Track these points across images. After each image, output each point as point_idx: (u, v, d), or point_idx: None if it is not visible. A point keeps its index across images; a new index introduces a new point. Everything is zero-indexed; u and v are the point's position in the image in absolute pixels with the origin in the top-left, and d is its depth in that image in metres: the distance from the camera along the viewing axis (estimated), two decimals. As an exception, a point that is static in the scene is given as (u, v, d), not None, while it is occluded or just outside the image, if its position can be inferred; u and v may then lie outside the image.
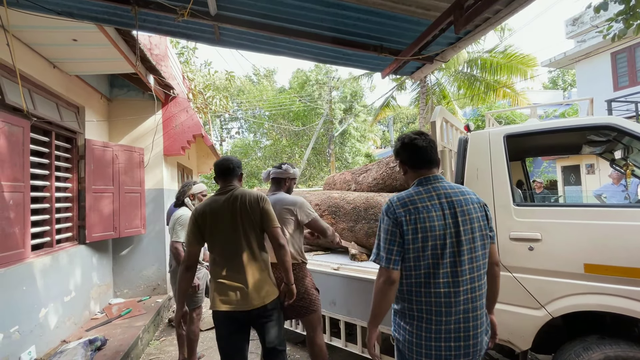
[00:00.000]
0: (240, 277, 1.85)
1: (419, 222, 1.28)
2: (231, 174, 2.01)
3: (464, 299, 1.29)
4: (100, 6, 2.29)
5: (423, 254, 1.29)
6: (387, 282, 1.32)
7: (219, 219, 1.88)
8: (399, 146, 1.47)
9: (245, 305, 1.82)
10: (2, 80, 2.67)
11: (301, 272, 2.27)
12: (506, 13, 1.94)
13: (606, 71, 10.08)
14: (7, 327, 2.48)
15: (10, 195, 2.64)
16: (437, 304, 1.28)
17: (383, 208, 1.38)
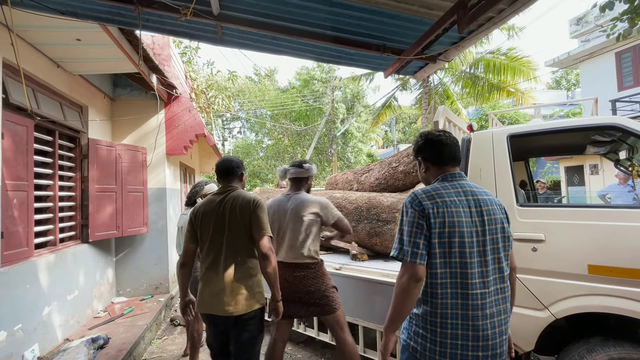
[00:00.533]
0: (218, 282, 1.82)
1: (447, 216, 1.20)
2: (231, 174, 2.00)
3: (490, 302, 1.20)
4: (104, 6, 2.30)
5: (450, 250, 1.19)
6: (413, 279, 1.18)
7: (209, 220, 1.89)
8: (422, 142, 1.40)
9: (219, 311, 1.80)
10: (7, 79, 2.68)
11: (320, 271, 2.26)
12: (510, 12, 1.93)
13: (610, 71, 10.01)
14: (10, 325, 2.50)
15: (14, 194, 2.66)
16: (467, 307, 1.18)
17: (406, 200, 1.27)
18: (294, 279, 2.19)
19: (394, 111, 14.32)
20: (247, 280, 1.85)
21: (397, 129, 27.10)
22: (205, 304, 1.85)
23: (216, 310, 1.81)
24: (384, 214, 3.05)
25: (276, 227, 2.26)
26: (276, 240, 2.26)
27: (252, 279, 1.87)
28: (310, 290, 2.18)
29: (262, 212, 1.88)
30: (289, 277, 2.19)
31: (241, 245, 1.86)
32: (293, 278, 2.19)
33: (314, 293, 2.18)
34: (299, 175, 2.34)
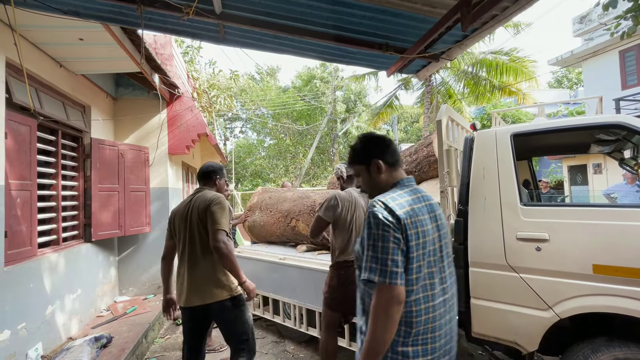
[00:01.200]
0: (185, 276, 2.01)
1: (419, 226, 1.11)
2: (206, 177, 2.21)
3: (448, 307, 1.18)
4: (106, 5, 2.30)
5: (424, 262, 1.12)
6: (396, 302, 1.05)
7: (179, 219, 2.08)
8: (374, 142, 1.28)
9: (186, 302, 1.98)
10: (10, 79, 2.69)
11: None
12: (514, 10, 1.92)
13: (614, 69, 9.93)
14: (14, 323, 2.51)
15: (18, 193, 2.67)
16: (435, 318, 1.12)
17: (374, 211, 1.11)
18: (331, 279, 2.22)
19: (396, 110, 14.28)
20: (210, 273, 1.98)
21: (399, 128, 27.03)
22: (178, 297, 2.06)
23: (183, 302, 2.00)
24: None
25: (351, 222, 2.22)
26: (349, 235, 2.22)
27: (216, 272, 1.99)
28: None
29: (219, 208, 1.98)
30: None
31: (201, 241, 2.00)
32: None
33: None
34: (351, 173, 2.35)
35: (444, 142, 2.27)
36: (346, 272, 2.21)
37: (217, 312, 2.00)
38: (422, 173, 3.55)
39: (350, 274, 2.19)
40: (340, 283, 2.22)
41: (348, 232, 2.22)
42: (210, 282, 1.97)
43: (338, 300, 2.23)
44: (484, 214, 2.14)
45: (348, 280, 2.19)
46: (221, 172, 2.27)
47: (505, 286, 2.01)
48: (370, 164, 1.26)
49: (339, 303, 2.22)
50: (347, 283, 2.19)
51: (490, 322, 2.07)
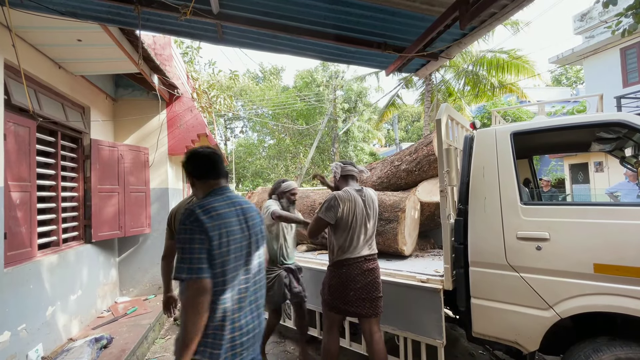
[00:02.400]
0: None
1: (223, 227, 1.31)
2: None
3: (252, 291, 1.40)
4: (104, 6, 2.29)
5: (229, 257, 1.31)
6: (202, 293, 1.21)
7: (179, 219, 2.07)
8: (187, 160, 1.51)
9: None
10: (9, 80, 2.69)
11: None
12: (512, 8, 1.90)
13: (615, 67, 9.89)
14: (14, 325, 2.51)
15: (18, 194, 2.67)
16: (240, 300, 1.34)
17: (182, 218, 1.30)
18: (374, 271, 2.26)
19: (398, 109, 14.27)
20: None
21: (400, 127, 27.00)
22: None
23: None
24: (386, 213, 3.03)
25: (352, 221, 2.22)
26: (350, 234, 2.23)
27: None
28: (375, 284, 2.25)
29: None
30: (371, 266, 2.25)
31: None
32: (372, 270, 2.25)
33: (376, 286, 2.25)
34: (353, 173, 2.43)
35: (443, 141, 2.26)
36: (348, 269, 2.21)
37: None
38: (422, 172, 3.53)
39: (352, 271, 2.19)
40: (342, 282, 2.21)
41: (349, 231, 2.22)
42: None
43: (340, 300, 2.22)
44: (484, 213, 2.13)
45: (349, 278, 2.19)
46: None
47: (505, 286, 2.00)
48: (187, 177, 1.52)
49: (342, 303, 2.22)
50: (348, 281, 2.19)
51: (491, 322, 2.06)
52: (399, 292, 2.42)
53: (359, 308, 2.18)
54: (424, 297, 2.29)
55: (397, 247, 2.94)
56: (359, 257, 2.21)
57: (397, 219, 2.93)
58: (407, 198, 3.03)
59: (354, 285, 2.18)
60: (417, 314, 2.33)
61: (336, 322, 2.33)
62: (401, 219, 2.91)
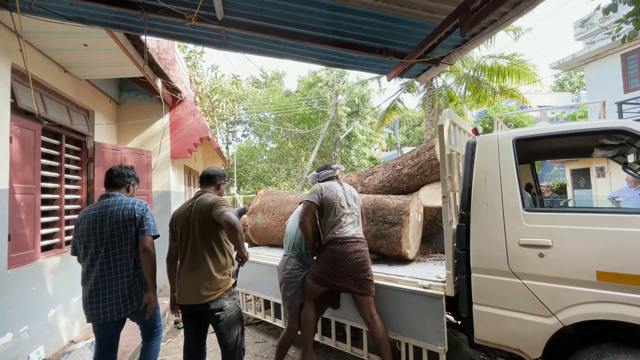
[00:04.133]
0: (185, 276, 2.07)
1: (81, 223, 2.08)
2: (208, 180, 2.27)
3: (91, 276, 2.09)
4: (110, 12, 2.33)
5: (81, 246, 2.09)
6: None
7: (180, 221, 2.13)
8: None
9: (185, 299, 2.05)
10: (15, 84, 2.73)
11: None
12: (512, 15, 1.92)
13: (616, 73, 9.92)
14: (17, 326, 2.52)
15: (22, 197, 2.69)
16: (83, 281, 2.14)
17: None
18: (363, 253, 2.42)
19: (400, 113, 14.31)
20: (211, 275, 2.03)
21: (401, 131, 27.03)
22: (178, 296, 2.12)
23: (181, 300, 2.07)
24: (390, 216, 3.02)
25: (340, 207, 2.48)
26: (336, 215, 2.46)
27: (215, 273, 2.04)
28: (365, 265, 2.40)
29: (222, 204, 2.05)
30: (360, 247, 2.42)
31: (203, 243, 2.05)
32: (361, 251, 2.41)
33: (366, 267, 2.40)
34: (333, 175, 2.73)
35: (445, 146, 2.26)
36: (341, 247, 2.38)
37: (215, 313, 2.04)
38: (424, 176, 3.53)
39: (345, 249, 2.36)
40: (335, 257, 2.37)
41: (335, 211, 2.45)
42: (210, 284, 2.03)
43: (329, 274, 2.39)
44: (486, 220, 2.13)
45: (343, 254, 2.36)
46: (224, 178, 2.35)
47: (508, 292, 1.99)
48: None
49: (331, 277, 2.39)
50: (341, 257, 2.35)
51: (493, 329, 2.05)
52: (401, 297, 2.41)
53: (348, 284, 2.36)
54: (425, 303, 2.29)
55: (401, 250, 2.93)
56: (349, 236, 2.40)
57: (401, 222, 2.92)
58: (411, 201, 3.03)
59: (345, 262, 2.35)
60: (419, 319, 2.32)
61: (316, 295, 2.55)
62: (405, 222, 2.91)
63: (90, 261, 2.04)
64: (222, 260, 2.09)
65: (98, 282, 2.02)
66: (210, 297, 2.01)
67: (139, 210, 2.13)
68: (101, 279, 2.02)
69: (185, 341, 2.18)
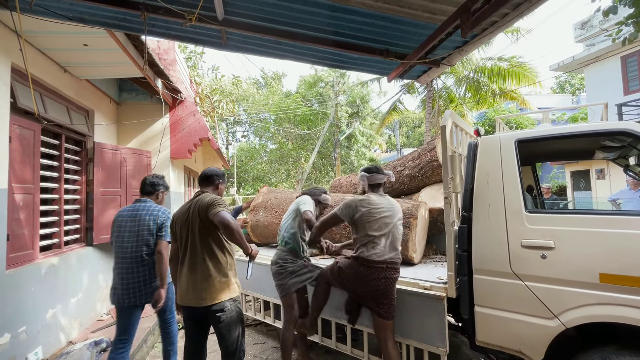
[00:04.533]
0: (187, 278, 2.04)
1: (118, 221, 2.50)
2: (207, 181, 2.24)
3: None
4: (111, 12, 2.32)
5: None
6: None
7: (180, 222, 2.12)
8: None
9: (186, 302, 2.04)
10: (15, 84, 2.72)
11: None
12: (513, 16, 1.92)
13: (616, 75, 9.93)
14: (15, 327, 2.50)
15: (21, 197, 2.67)
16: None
17: None
18: (390, 281, 2.21)
19: (400, 114, 14.32)
20: (209, 276, 2.01)
21: (401, 133, 27.05)
22: (178, 297, 2.11)
23: (183, 301, 2.05)
24: None
25: (375, 227, 2.23)
26: (372, 238, 2.22)
27: (216, 275, 2.02)
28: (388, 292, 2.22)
29: (218, 204, 2.00)
30: (390, 275, 2.20)
31: (202, 244, 2.03)
32: (389, 279, 2.20)
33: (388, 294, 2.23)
34: (382, 181, 2.40)
35: (448, 147, 2.25)
36: (365, 271, 2.20)
37: (215, 315, 2.02)
38: (425, 178, 3.53)
39: (369, 274, 2.19)
40: (357, 277, 2.25)
41: (367, 231, 2.23)
42: (210, 285, 2.01)
43: (349, 286, 2.33)
44: (488, 221, 2.12)
45: (366, 279, 2.20)
46: (223, 178, 2.32)
47: (510, 294, 1.98)
48: None
49: (349, 289, 2.35)
50: (363, 280, 2.21)
51: (495, 331, 2.04)
52: (402, 298, 2.39)
53: (367, 302, 2.27)
54: (427, 304, 2.27)
55: (407, 254, 2.92)
56: (379, 261, 2.18)
57: (409, 225, 2.91)
58: (419, 205, 3.02)
59: (366, 286, 2.20)
60: (420, 321, 2.31)
61: (331, 282, 2.47)
62: (413, 226, 2.90)
63: (118, 254, 2.47)
64: (222, 260, 2.07)
65: (122, 272, 2.42)
66: (211, 300, 2.00)
67: (162, 217, 2.47)
68: (125, 270, 2.42)
69: (186, 342, 2.16)
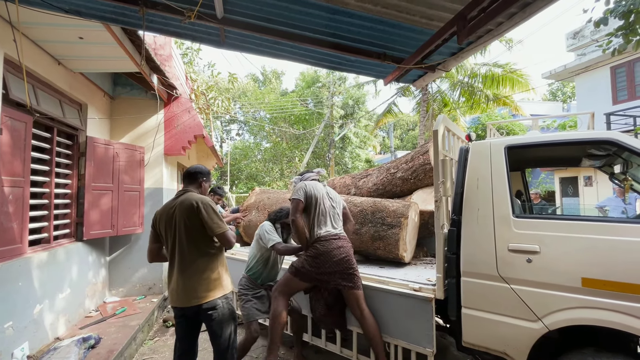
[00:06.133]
0: (177, 278, 2.04)
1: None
2: (190, 178, 2.21)
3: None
4: (108, 6, 2.31)
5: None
6: None
7: (165, 221, 2.08)
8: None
9: (178, 303, 2.03)
10: (7, 75, 2.68)
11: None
12: (508, 26, 1.97)
13: (605, 85, 10.17)
14: (1, 322, 2.46)
15: (10, 190, 2.64)
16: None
17: None
18: (345, 249, 2.49)
19: (395, 117, 14.42)
20: (200, 275, 2.02)
21: (395, 135, 27.23)
22: (170, 298, 2.10)
23: (175, 302, 2.05)
24: (389, 218, 3.05)
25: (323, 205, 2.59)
26: (318, 212, 2.56)
27: (206, 274, 2.03)
28: (350, 260, 2.49)
29: (211, 210, 2.02)
30: (342, 243, 2.50)
31: (190, 244, 2.02)
32: (344, 247, 2.49)
33: (351, 262, 2.49)
34: (315, 178, 2.82)
35: (439, 152, 2.30)
36: (325, 244, 2.45)
37: (207, 312, 2.03)
38: (417, 180, 3.58)
39: (328, 245, 2.45)
40: (320, 253, 2.45)
41: (316, 208, 2.53)
42: (202, 284, 2.01)
43: (316, 269, 2.45)
44: (476, 224, 2.17)
45: (327, 251, 2.43)
46: (208, 176, 2.28)
47: (496, 296, 2.03)
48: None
49: (317, 273, 2.46)
50: (326, 253, 2.43)
51: (481, 332, 2.09)
52: (391, 299, 2.43)
53: (335, 279, 2.43)
54: (415, 305, 2.31)
55: (398, 252, 2.97)
56: (331, 233, 2.50)
57: (399, 224, 2.96)
58: (410, 206, 3.07)
59: (330, 259, 2.43)
60: (409, 322, 2.35)
61: (293, 290, 2.64)
62: (404, 225, 2.95)
63: None
64: (212, 257, 2.07)
65: None
66: (202, 299, 2.00)
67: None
68: None
69: (177, 341, 2.16)
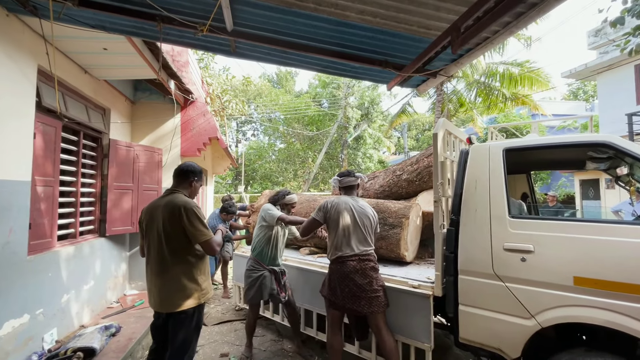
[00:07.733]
0: (152, 280, 2.04)
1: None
2: (180, 177, 2.15)
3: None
4: (130, 22, 2.52)
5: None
6: None
7: (148, 220, 2.05)
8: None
9: (153, 305, 2.06)
10: (40, 84, 2.95)
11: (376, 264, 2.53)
12: (504, 33, 2.03)
13: (629, 84, 9.79)
14: (33, 308, 2.72)
15: (43, 189, 2.90)
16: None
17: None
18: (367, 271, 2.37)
19: (409, 117, 14.32)
20: (176, 284, 1.98)
21: (410, 135, 26.96)
22: (148, 297, 2.12)
23: (151, 304, 2.07)
24: (391, 219, 3.13)
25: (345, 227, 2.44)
26: (340, 233, 2.43)
27: (183, 282, 1.98)
28: (371, 285, 2.35)
29: (194, 218, 1.94)
30: (365, 265, 2.38)
31: (169, 248, 1.97)
32: (365, 270, 2.36)
33: (370, 286, 2.35)
34: (352, 183, 2.64)
35: (439, 154, 2.37)
36: (341, 266, 2.40)
37: (174, 320, 2.00)
38: (422, 182, 3.64)
39: (344, 269, 2.38)
40: (337, 278, 2.41)
41: (337, 230, 2.44)
42: (177, 291, 1.97)
43: (338, 296, 2.40)
44: (474, 225, 2.24)
45: (342, 274, 2.38)
46: (199, 175, 2.20)
47: (491, 294, 2.10)
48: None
49: (340, 299, 2.39)
50: (342, 277, 2.38)
51: (477, 329, 2.15)
52: (392, 296, 2.52)
53: (360, 307, 2.32)
54: (414, 302, 2.40)
55: (399, 252, 3.05)
56: (352, 255, 2.39)
57: (400, 224, 3.04)
58: (412, 207, 3.15)
59: (347, 282, 2.35)
60: (408, 318, 2.43)
61: (336, 319, 2.50)
62: (405, 225, 3.02)
63: None
64: (191, 264, 2.01)
65: None
66: (178, 307, 1.96)
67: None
68: None
69: (152, 337, 2.18)
